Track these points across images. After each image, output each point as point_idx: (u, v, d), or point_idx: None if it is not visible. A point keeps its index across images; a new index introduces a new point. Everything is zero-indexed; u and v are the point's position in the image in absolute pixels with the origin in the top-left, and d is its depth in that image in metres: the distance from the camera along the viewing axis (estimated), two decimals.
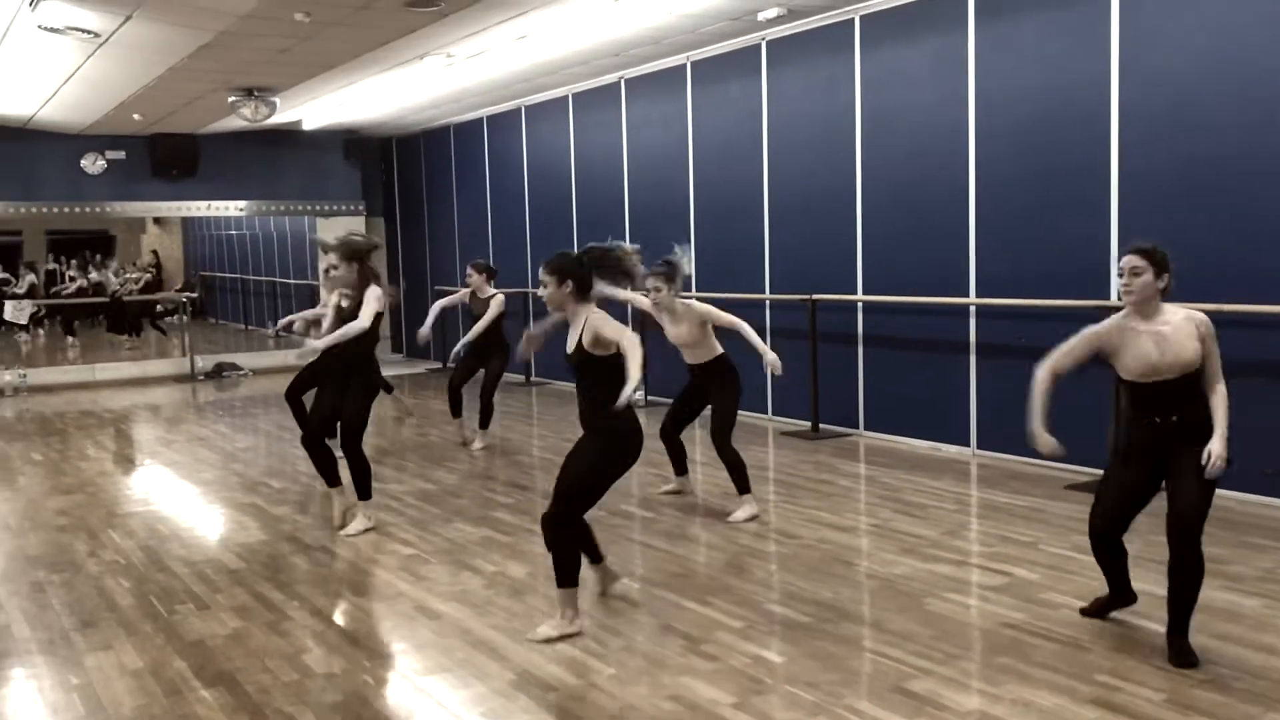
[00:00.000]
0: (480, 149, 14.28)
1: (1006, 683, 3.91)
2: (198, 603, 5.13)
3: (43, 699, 4.05)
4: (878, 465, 7.77)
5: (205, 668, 4.29)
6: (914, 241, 8.37)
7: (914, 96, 8.29)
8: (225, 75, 10.27)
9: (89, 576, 5.63)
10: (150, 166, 14.57)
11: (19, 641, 4.67)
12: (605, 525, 6.27)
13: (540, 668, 4.17)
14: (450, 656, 4.34)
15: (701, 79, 10.35)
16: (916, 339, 8.44)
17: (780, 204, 9.59)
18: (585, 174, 12.21)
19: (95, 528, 6.69)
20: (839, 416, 9.05)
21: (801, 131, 9.31)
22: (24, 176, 14.03)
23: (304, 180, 15.67)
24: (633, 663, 4.20)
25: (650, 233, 11.22)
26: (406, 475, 8.00)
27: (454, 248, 15.18)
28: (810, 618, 4.63)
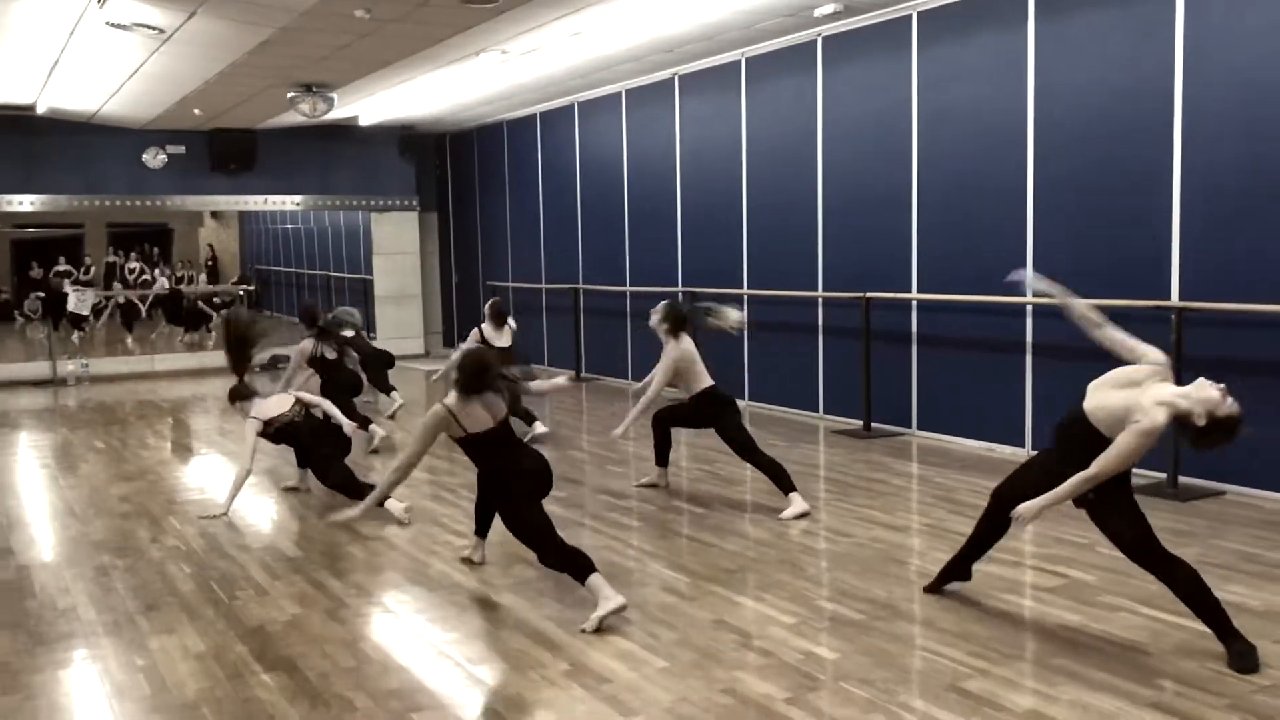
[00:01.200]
0: (533, 145, 14.36)
1: (1063, 684, 3.88)
2: (257, 589, 5.22)
3: (110, 679, 4.15)
4: (931, 465, 7.72)
5: (266, 652, 4.37)
6: (970, 240, 8.30)
7: (972, 94, 8.22)
8: (284, 71, 10.42)
9: (151, 562, 5.75)
10: (209, 161, 14.82)
11: (85, 623, 4.78)
12: (656, 521, 6.31)
13: (594, 659, 4.20)
14: (505, 646, 4.39)
15: (756, 76, 10.33)
16: (971, 338, 8.37)
17: (834, 201, 9.55)
18: (638, 170, 12.24)
19: (156, 514, 6.83)
20: (891, 416, 8.99)
21: (856, 129, 9.26)
22: (87, 170, 14.33)
23: (359, 176, 15.85)
24: (685, 656, 4.21)
25: (701, 229, 11.24)
26: (459, 469, 8.06)
27: (506, 243, 15.28)
28: (863, 615, 4.62)
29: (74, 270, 23.49)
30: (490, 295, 15.16)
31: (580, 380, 12.96)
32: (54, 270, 23.13)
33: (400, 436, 9.27)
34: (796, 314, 10.04)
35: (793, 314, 10.09)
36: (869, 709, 3.71)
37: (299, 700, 3.90)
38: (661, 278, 11.81)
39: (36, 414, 11.68)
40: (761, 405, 10.51)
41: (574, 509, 6.69)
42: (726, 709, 3.74)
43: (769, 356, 10.51)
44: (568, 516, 6.50)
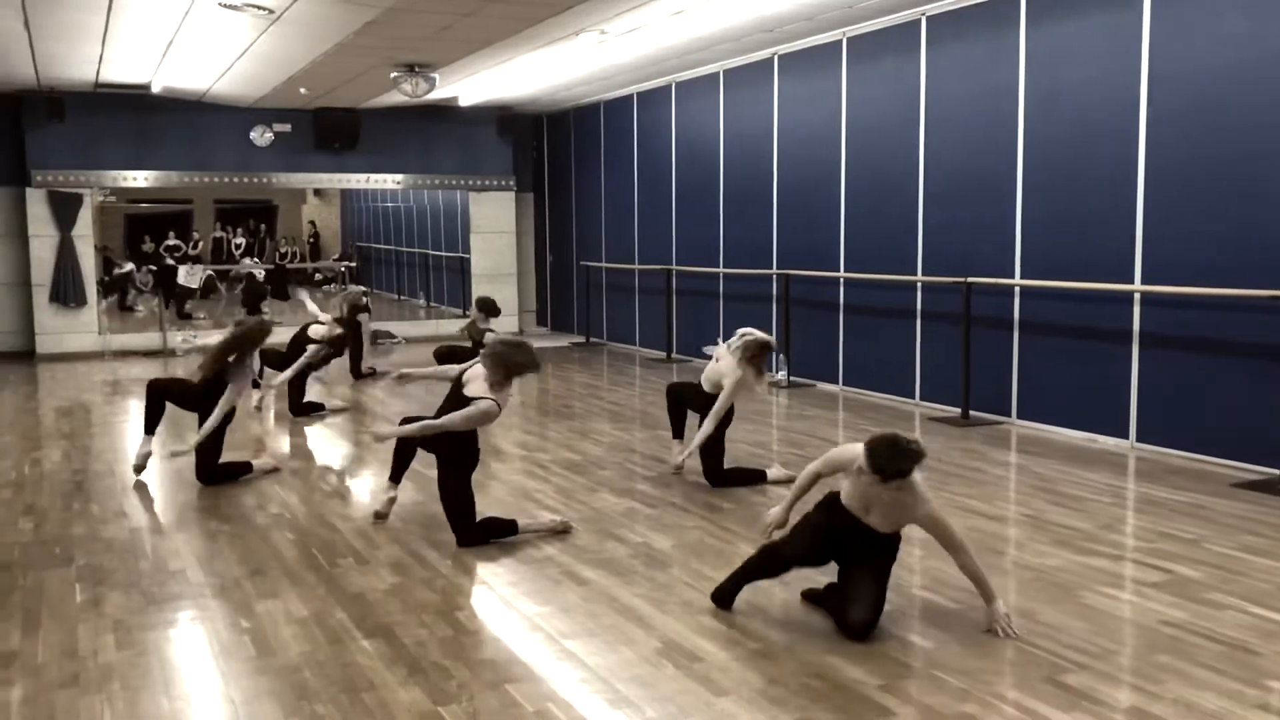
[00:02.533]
0: (629, 125, 14.37)
1: (1167, 681, 3.78)
2: (357, 558, 5.35)
3: (217, 640, 4.29)
4: (1030, 454, 7.56)
5: (365, 619, 4.48)
6: (1076, 225, 8.08)
7: (1082, 75, 7.99)
8: (388, 51, 10.58)
9: (257, 528, 5.93)
10: (314, 139, 15.14)
11: (194, 585, 4.96)
12: (746, 502, 6.29)
13: (685, 638, 4.22)
14: (596, 622, 4.43)
15: (857, 56, 10.18)
16: (1075, 326, 8.16)
17: (935, 184, 9.38)
18: (734, 151, 12.17)
19: (262, 483, 7.04)
20: (990, 404, 8.83)
21: (960, 110, 9.08)
22: (197, 147, 14.75)
23: (458, 155, 16.05)
24: (778, 638, 4.21)
25: (798, 211, 11.15)
26: (551, 444, 8.16)
27: (600, 223, 15.34)
28: (958, 604, 4.56)
29: (183, 245, 24.24)
30: (585, 275, 15.31)
31: (671, 361, 12.95)
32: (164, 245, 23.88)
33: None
34: (893, 298, 9.90)
35: (890, 298, 9.96)
36: (962, 698, 3.66)
37: (396, 667, 3.99)
38: (756, 260, 11.75)
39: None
40: (856, 390, 10.41)
41: (664, 488, 6.71)
42: (818, 692, 3.72)
43: (864, 341, 10.39)
44: (658, 495, 6.53)
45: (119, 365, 13.49)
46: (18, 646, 4.24)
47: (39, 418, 9.80)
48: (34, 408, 10.36)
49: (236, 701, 3.73)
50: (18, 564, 5.32)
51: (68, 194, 14.08)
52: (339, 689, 3.79)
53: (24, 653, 4.17)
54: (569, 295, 16.46)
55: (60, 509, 6.41)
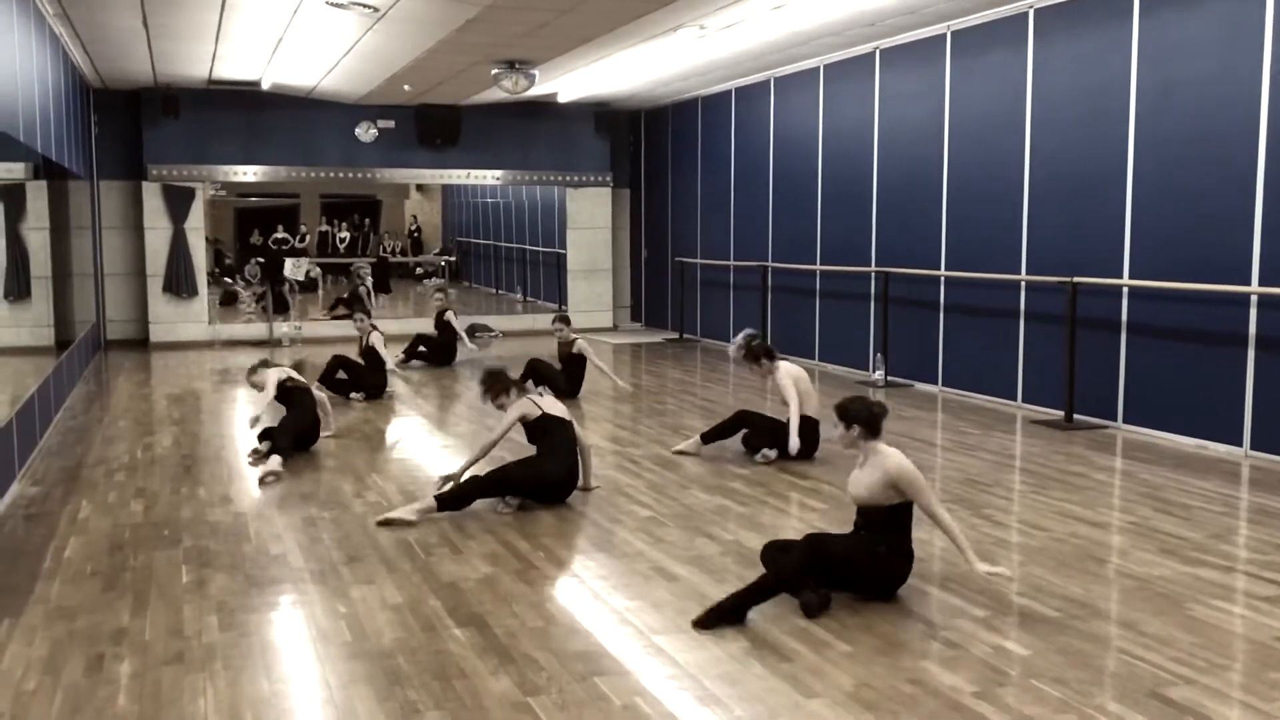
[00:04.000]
0: (727, 121, 14.31)
1: (1279, 700, 3.62)
2: (451, 548, 5.42)
3: (314, 624, 4.39)
4: (1137, 460, 7.33)
5: (458, 608, 4.54)
6: (1189, 225, 7.80)
7: (1198, 70, 7.70)
8: (489, 48, 10.70)
9: (355, 516, 6.05)
10: (416, 135, 15.40)
11: (294, 570, 5.08)
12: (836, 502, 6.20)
13: (775, 638, 4.18)
14: (685, 618, 4.41)
15: (962, 49, 9.98)
16: (1187, 329, 7.88)
17: (1041, 182, 9.14)
18: (833, 147, 12.04)
19: (360, 471, 7.19)
20: (1095, 407, 8.58)
21: (1069, 106, 8.83)
22: (304, 143, 15.14)
23: (556, 151, 16.18)
24: (870, 642, 4.14)
25: (898, 209, 10.97)
26: (643, 440, 8.16)
27: (695, 219, 15.31)
28: (1058, 613, 4.43)
29: (290, 238, 24.89)
30: (680, 271, 15.28)
31: None
32: (272, 238, 24.56)
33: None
34: (996, 298, 9.69)
35: (992, 298, 9.74)
36: (1061, 709, 3.56)
37: (488, 656, 4.03)
38: (854, 257, 11.60)
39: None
40: (955, 391, 10.22)
41: (756, 487, 6.67)
42: (910, 698, 3.66)
43: (964, 341, 10.19)
44: (750, 494, 6.49)
45: (227, 354, 13.91)
46: (127, 624, 4.39)
47: (151, 404, 10.16)
48: (147, 394, 10.74)
49: (332, 685, 3.81)
50: (129, 544, 5.51)
51: (181, 188, 14.57)
52: (431, 675, 3.85)
53: (133, 630, 4.32)
54: (663, 291, 16.47)
55: (170, 492, 6.63)
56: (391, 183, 18.33)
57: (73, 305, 12.77)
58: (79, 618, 4.47)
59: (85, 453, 7.84)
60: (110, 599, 4.70)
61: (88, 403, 10.13)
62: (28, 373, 8.37)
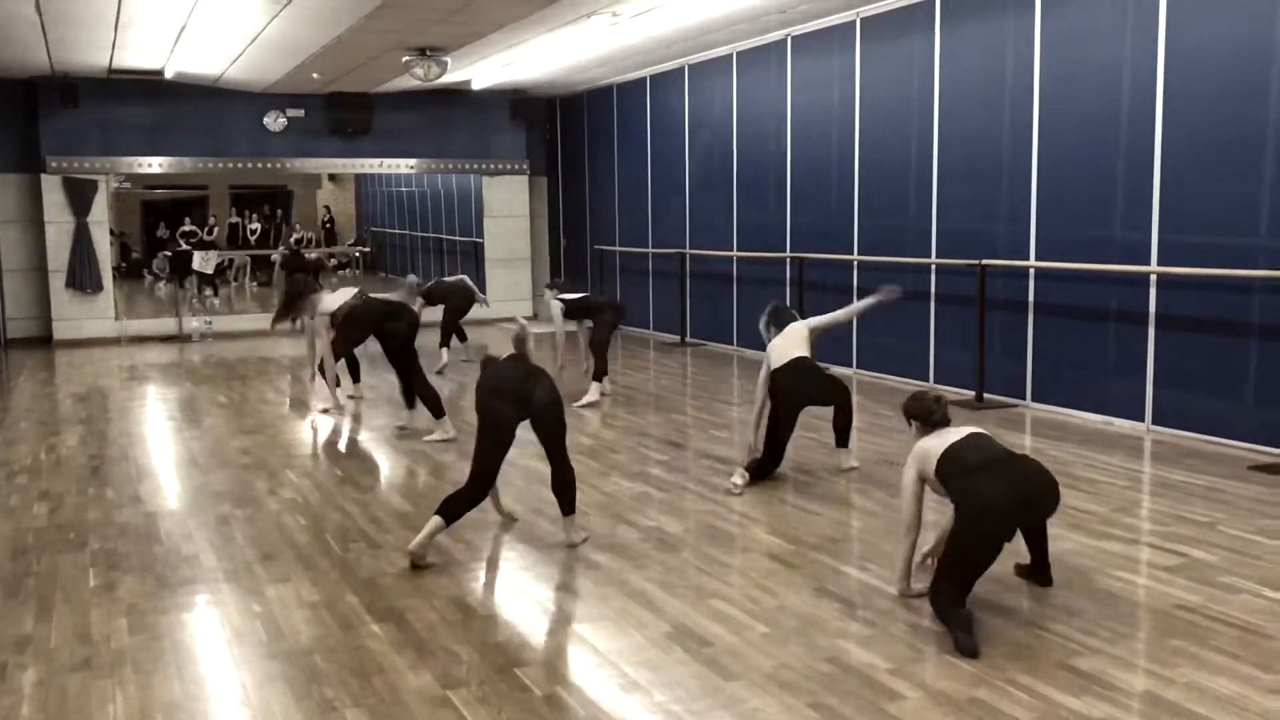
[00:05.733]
0: (642, 109, 14.31)
1: (1180, 666, 3.75)
2: (369, 542, 5.36)
3: (229, 624, 4.31)
4: (1046, 438, 7.51)
5: (376, 603, 4.49)
6: (1093, 207, 8.00)
7: (1099, 54, 7.90)
8: (400, 35, 10.55)
9: (269, 513, 5.95)
10: (327, 124, 15.13)
11: (207, 570, 4.97)
12: (760, 487, 6.26)
13: (695, 622, 4.21)
14: (607, 605, 4.42)
15: (872, 36, 10.10)
16: (1091, 308, 8.09)
17: (950, 166, 9.31)
18: (748, 134, 12.11)
19: (275, 467, 7.06)
20: (1004, 387, 8.78)
21: (976, 91, 8.99)
22: (212, 133, 14.76)
23: (472, 139, 16.02)
24: (787, 623, 4.19)
25: (811, 194, 11.09)
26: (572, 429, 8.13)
27: (613, 207, 15.30)
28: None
29: (198, 231, 24.31)
30: (599, 259, 15.25)
31: (685, 345, 12.94)
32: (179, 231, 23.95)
33: None
34: (907, 281, 9.82)
35: (903, 281, 9.85)
36: (975, 683, 3.64)
37: (406, 651, 3.99)
38: (770, 243, 11.70)
39: (164, 368, 12.16)
40: (869, 373, 10.37)
41: (677, 473, 6.70)
42: (828, 677, 3.71)
43: (878, 324, 10.33)
44: (671, 480, 6.52)
45: (135, 350, 13.55)
46: (31, 631, 4.26)
47: (56, 403, 9.86)
48: (51, 393, 10.42)
49: (248, 686, 3.74)
50: (32, 549, 5.35)
51: (83, 180, 14.12)
52: (349, 673, 3.80)
53: (37, 637, 4.20)
54: (582, 279, 16.42)
55: (75, 494, 6.44)
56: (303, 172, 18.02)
57: None
58: None
59: None
60: (13, 606, 4.55)
61: None
62: None
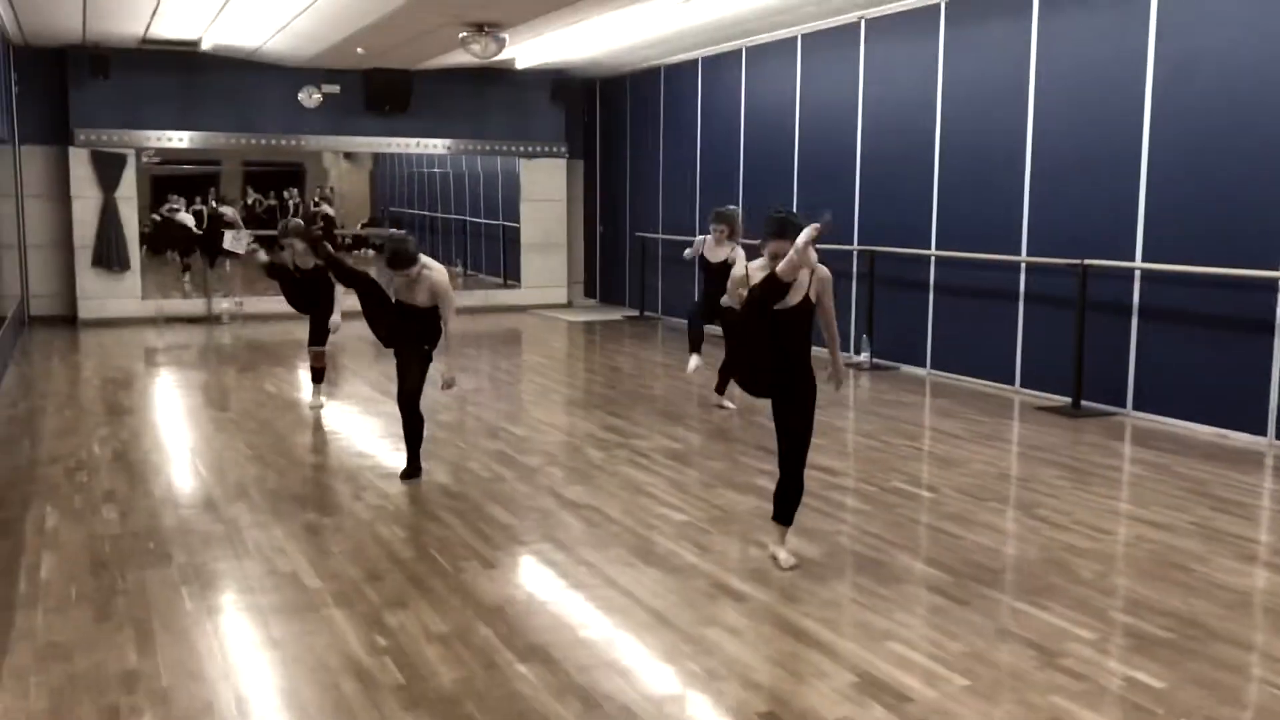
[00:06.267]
0: (693, 92, 13.80)
1: None
2: (481, 560, 4.90)
3: (355, 662, 3.84)
4: (1163, 451, 7.07)
5: (514, 637, 4.03)
6: (1211, 206, 7.55)
7: (1220, 41, 7.43)
8: (461, 9, 10.03)
9: (360, 523, 5.49)
10: (364, 101, 14.59)
11: (312, 592, 4.51)
12: (881, 504, 5.83)
13: (882, 670, 3.76)
14: (773, 647, 3.98)
15: (957, 20, 9.61)
16: (1206, 313, 7.64)
17: (1045, 159, 8.83)
18: (811, 120, 11.62)
19: (351, 468, 6.60)
20: (1101, 393, 8.34)
21: (1077, 80, 8.52)
22: (243, 107, 14.20)
23: (510, 120, 15.50)
24: (985, 673, 3.75)
25: (883, 186, 10.61)
26: (642, 429, 7.70)
27: (657, 193, 14.80)
28: (1171, 633, 4.09)
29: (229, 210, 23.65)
30: (640, 246, 14.72)
31: None
32: (192, 208, 23.32)
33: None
34: (992, 279, 9.39)
35: (987, 279, 9.45)
36: None
37: (567, 698, 3.54)
38: (833, 235, 11.20)
39: (199, 352, 11.68)
40: (944, 374, 9.92)
41: None
42: None
43: (955, 323, 9.89)
44: None
45: (164, 332, 13.06)
46: (135, 665, 3.80)
47: (96, 389, 9.37)
48: (88, 378, 9.93)
49: None
50: (113, 561, 4.89)
51: (112, 154, 13.60)
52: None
53: (144, 673, 3.73)
54: (620, 267, 15.96)
55: (142, 496, 5.98)
56: (333, 150, 17.43)
57: None
58: (76, 657, 3.86)
59: (35, 448, 7.11)
60: (108, 631, 4.09)
61: (24, 388, 9.30)
62: None
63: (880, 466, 6.64)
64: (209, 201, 22.28)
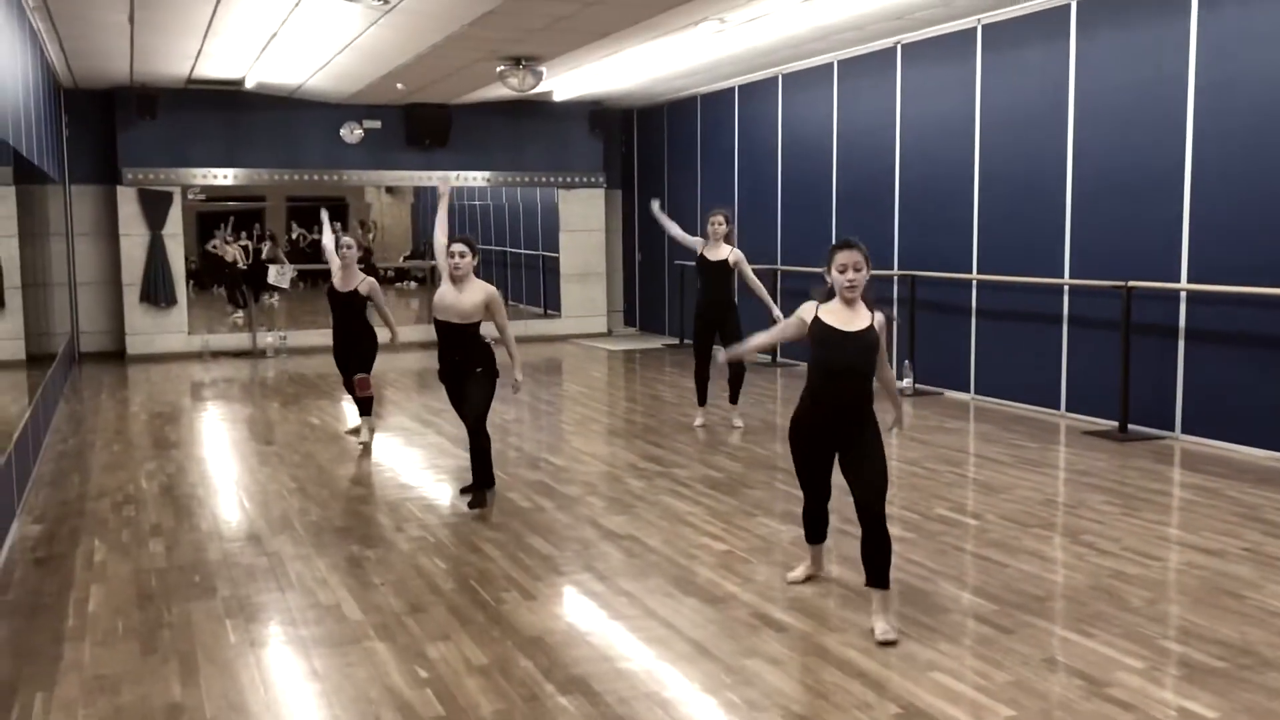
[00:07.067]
0: (730, 120, 13.85)
1: None
2: (522, 591, 4.90)
3: (397, 694, 3.85)
4: (1213, 475, 6.94)
5: (554, 669, 4.02)
6: (1256, 225, 7.44)
7: (1264, 61, 7.35)
8: (498, 44, 10.16)
9: (402, 554, 5.51)
10: (404, 136, 14.79)
11: (354, 624, 4.53)
12: (924, 531, 5.76)
13: (926, 702, 3.71)
14: (816, 677, 3.93)
15: (994, 44, 9.58)
16: (1255, 334, 7.52)
17: (1086, 181, 8.76)
18: (849, 146, 11.61)
19: (393, 500, 6.64)
20: (1148, 417, 8.21)
21: (1117, 101, 8.45)
22: (286, 144, 14.45)
23: (548, 152, 15.63)
24: (1033, 705, 3.68)
25: (922, 210, 10.57)
26: (682, 458, 7.69)
27: (695, 221, 14.81)
28: (1223, 662, 4.00)
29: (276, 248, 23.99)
30: (679, 275, 14.72)
31: (776, 365, 12.45)
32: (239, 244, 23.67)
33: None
34: (1034, 302, 9.31)
35: (1030, 302, 9.36)
36: None
37: None
38: (874, 260, 11.15)
39: (243, 386, 11.82)
40: (988, 399, 9.82)
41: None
42: None
43: (998, 347, 9.80)
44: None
45: (210, 366, 13.25)
46: (180, 698, 3.83)
47: (144, 424, 9.50)
48: (135, 413, 10.08)
49: None
50: (159, 594, 4.94)
51: (158, 192, 13.86)
52: None
53: (189, 705, 3.77)
54: (659, 295, 15.99)
55: (188, 529, 6.05)
56: (378, 184, 17.65)
57: (47, 317, 12.06)
58: (123, 689, 3.91)
59: (84, 483, 7.22)
60: (154, 664, 4.13)
61: (74, 424, 9.46)
62: (3, 389, 7.70)
63: (924, 494, 6.57)
64: (254, 237, 22.64)
